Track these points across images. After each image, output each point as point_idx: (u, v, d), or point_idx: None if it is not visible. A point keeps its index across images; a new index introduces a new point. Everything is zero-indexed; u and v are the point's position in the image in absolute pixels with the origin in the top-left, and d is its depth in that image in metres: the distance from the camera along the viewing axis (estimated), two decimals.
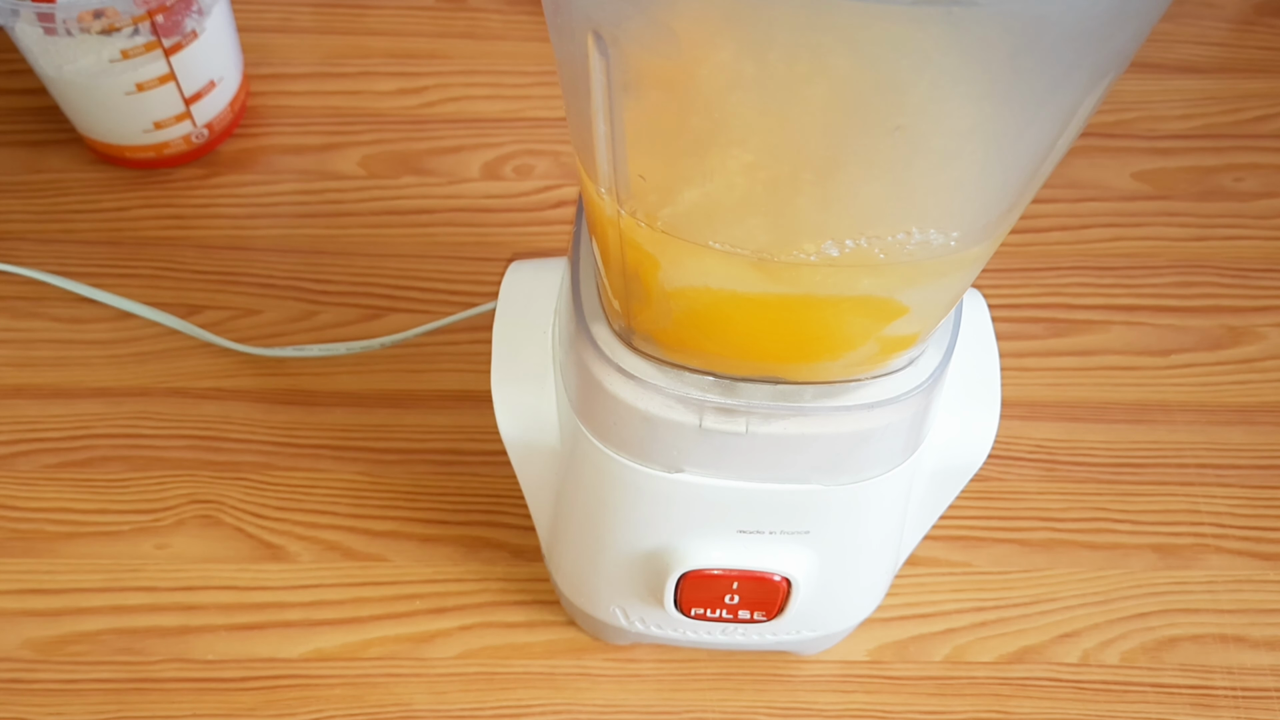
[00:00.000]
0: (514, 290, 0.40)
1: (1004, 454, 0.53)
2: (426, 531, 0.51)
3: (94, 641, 0.48)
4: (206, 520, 0.50)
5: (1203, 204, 0.61)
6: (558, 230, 0.59)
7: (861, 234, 0.27)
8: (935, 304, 0.31)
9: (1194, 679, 0.48)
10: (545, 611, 0.49)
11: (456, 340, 0.56)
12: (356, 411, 0.53)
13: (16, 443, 0.52)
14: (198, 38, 0.55)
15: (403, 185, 0.60)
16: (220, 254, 0.58)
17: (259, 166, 0.61)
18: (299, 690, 0.47)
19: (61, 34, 0.52)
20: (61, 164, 0.60)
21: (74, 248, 0.57)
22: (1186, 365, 0.56)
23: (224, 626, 0.48)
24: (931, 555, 0.51)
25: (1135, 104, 0.65)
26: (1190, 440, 0.54)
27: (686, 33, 0.23)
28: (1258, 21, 0.68)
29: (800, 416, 0.33)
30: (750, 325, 0.31)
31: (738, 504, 0.36)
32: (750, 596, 0.39)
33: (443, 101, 0.63)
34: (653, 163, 0.27)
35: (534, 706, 0.47)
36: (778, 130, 0.25)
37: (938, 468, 0.39)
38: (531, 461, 0.40)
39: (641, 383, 0.33)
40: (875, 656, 0.49)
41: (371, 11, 0.66)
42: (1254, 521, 0.52)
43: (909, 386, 0.34)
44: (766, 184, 0.26)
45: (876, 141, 0.24)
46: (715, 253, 0.28)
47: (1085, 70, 0.24)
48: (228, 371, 0.54)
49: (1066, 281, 0.59)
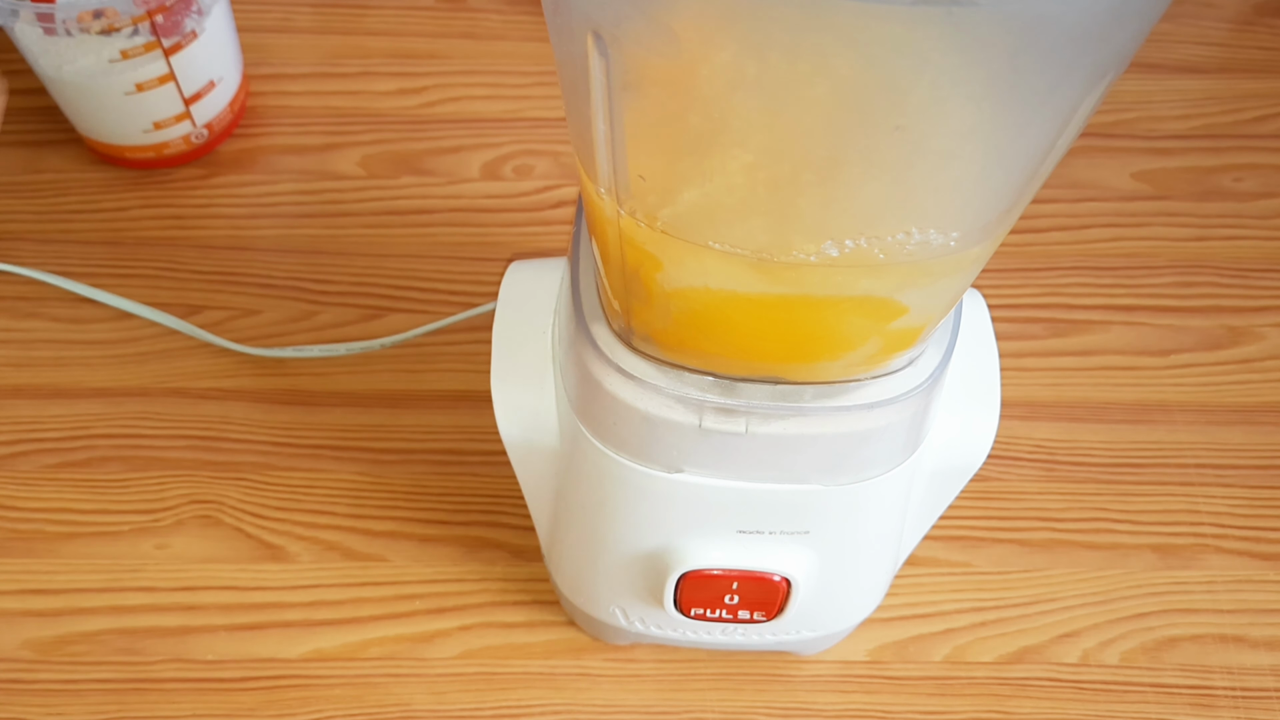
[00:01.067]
0: (514, 290, 0.40)
1: (1004, 454, 0.53)
2: (426, 532, 0.51)
3: (94, 642, 0.48)
4: (206, 520, 0.50)
5: (1202, 204, 0.61)
6: (557, 230, 0.59)
7: (861, 234, 0.27)
8: (935, 304, 0.31)
9: (1194, 679, 0.48)
10: (545, 612, 0.49)
11: (456, 340, 0.56)
12: (356, 411, 0.53)
13: (16, 443, 0.52)
14: (197, 38, 0.55)
15: (402, 185, 0.60)
16: (220, 254, 0.58)
17: (259, 166, 0.61)
18: (299, 690, 0.47)
19: (61, 34, 0.52)
20: (61, 164, 0.60)
21: (74, 248, 0.57)
22: (1186, 365, 0.56)
23: (224, 626, 0.48)
24: (931, 555, 0.51)
25: (1135, 104, 0.65)
26: (1190, 440, 0.54)
27: (686, 33, 0.23)
28: (1257, 21, 0.68)
29: (800, 416, 0.33)
30: (750, 325, 0.31)
31: (737, 504, 0.36)
32: (750, 596, 0.39)
33: (442, 101, 0.63)
34: (653, 163, 0.27)
35: (534, 706, 0.47)
36: (778, 130, 0.24)
37: (937, 468, 0.39)
38: (531, 461, 0.40)
39: (641, 383, 0.33)
40: (875, 656, 0.49)
41: (371, 11, 0.66)
42: (1254, 521, 0.52)
43: (909, 386, 0.34)
44: (766, 184, 0.26)
45: (876, 141, 0.24)
46: (715, 253, 0.28)
47: (1085, 70, 0.24)
48: (227, 372, 0.54)
49: (1066, 281, 0.59)
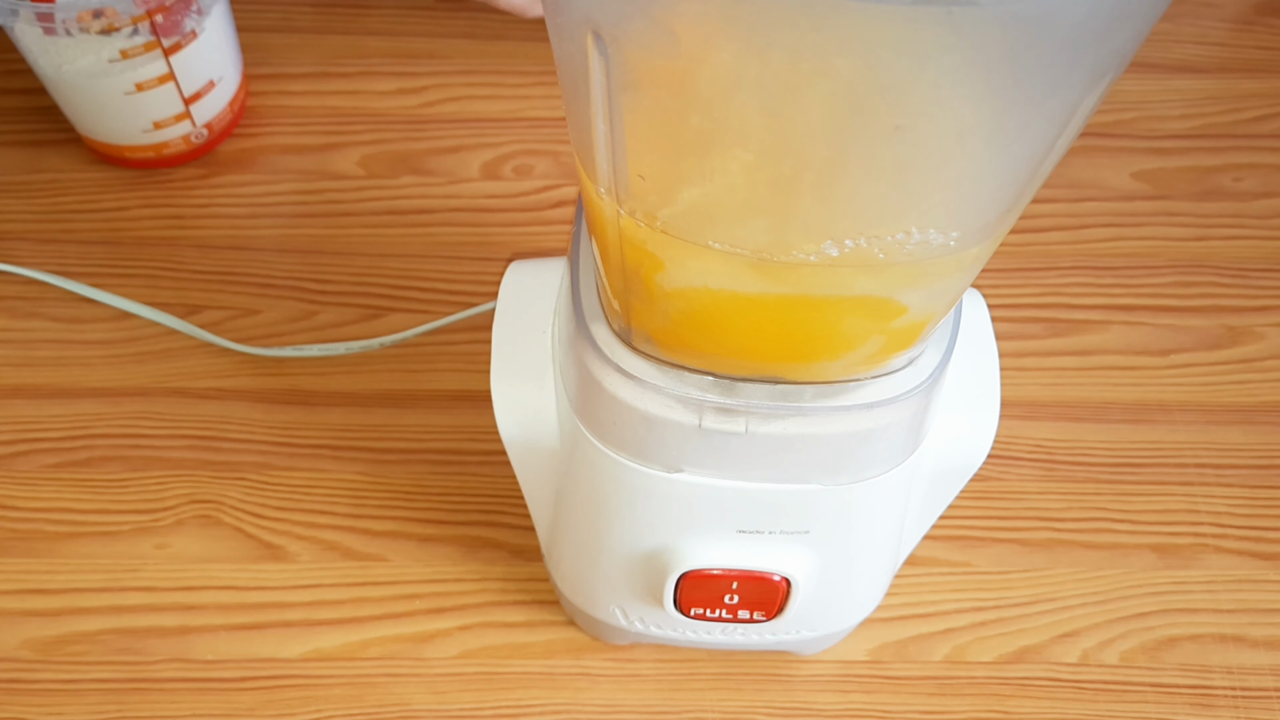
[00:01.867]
0: (513, 290, 0.40)
1: (1003, 454, 0.53)
2: (426, 531, 0.51)
3: (94, 641, 0.48)
4: (206, 520, 0.50)
5: (1202, 204, 0.61)
6: (557, 230, 0.59)
7: (861, 234, 0.27)
8: (935, 304, 0.31)
9: (1193, 679, 0.48)
10: (545, 611, 0.49)
11: (456, 340, 0.56)
12: (356, 411, 0.53)
13: (16, 443, 0.52)
14: (197, 37, 0.55)
15: (402, 185, 0.60)
16: (220, 254, 0.58)
17: (258, 166, 0.61)
18: (299, 690, 0.47)
19: (61, 34, 0.52)
20: (61, 164, 0.60)
21: (73, 247, 0.57)
22: (1186, 365, 0.56)
23: (224, 626, 0.48)
24: (931, 555, 0.51)
25: (1135, 104, 0.65)
26: (1190, 440, 0.54)
27: (686, 33, 0.23)
28: (1257, 21, 0.68)
29: (800, 416, 0.33)
30: (750, 325, 0.31)
31: (737, 504, 0.36)
32: (750, 596, 0.39)
33: (442, 101, 0.63)
34: (652, 163, 0.27)
35: (533, 706, 0.47)
36: (777, 130, 0.24)
37: (937, 468, 0.39)
38: (531, 461, 0.40)
39: (641, 383, 0.33)
40: (875, 656, 0.49)
41: (371, 11, 0.66)
42: (1253, 521, 0.52)
43: (908, 386, 0.34)
44: (766, 184, 0.26)
45: (876, 141, 0.24)
46: (715, 253, 0.28)
47: (1085, 70, 0.24)
48: (227, 371, 0.54)
49: (1066, 281, 0.59)
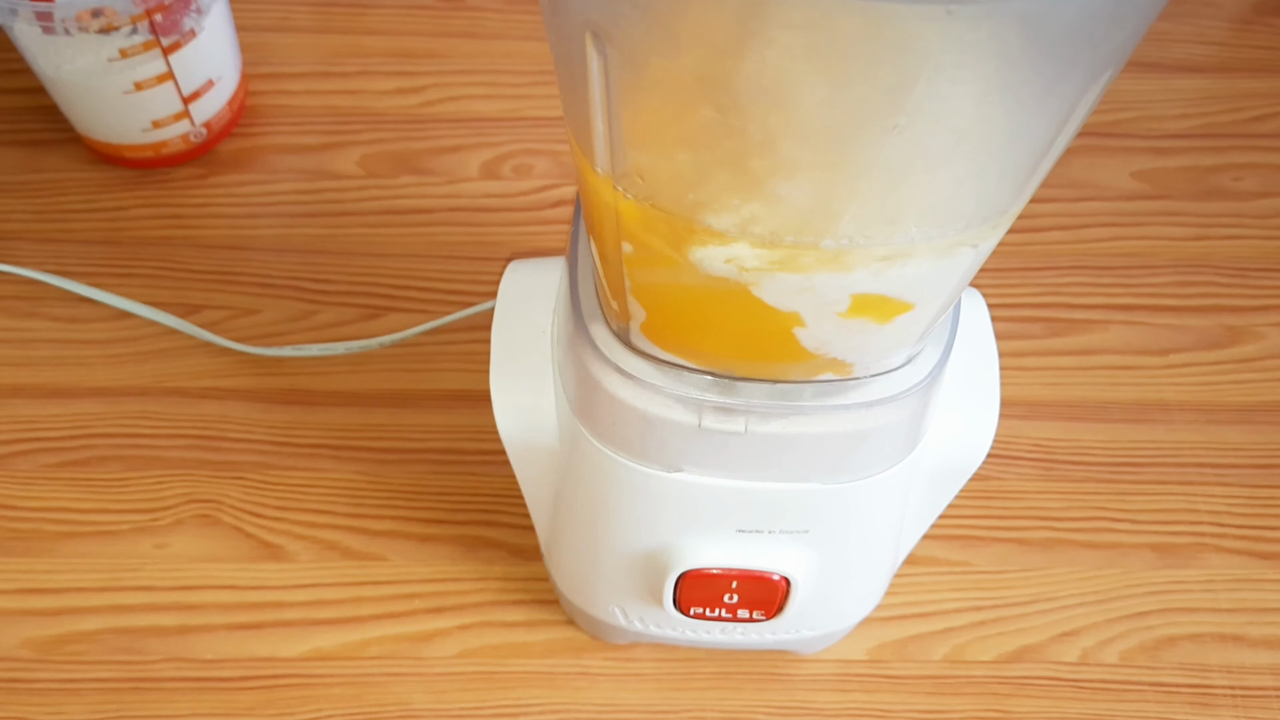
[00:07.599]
0: (513, 290, 0.40)
1: (1003, 453, 0.53)
2: (425, 531, 0.51)
3: (93, 641, 0.48)
4: (205, 520, 0.50)
5: (1202, 204, 0.61)
6: (556, 230, 0.59)
7: (860, 232, 0.26)
8: (933, 302, 0.31)
9: (1193, 678, 0.48)
10: (544, 611, 0.49)
11: (455, 340, 0.56)
12: (355, 411, 0.53)
13: (15, 443, 0.52)
14: (196, 37, 0.55)
15: (401, 185, 0.60)
16: (219, 253, 0.58)
17: (257, 166, 0.60)
18: (298, 690, 0.47)
19: (60, 33, 0.52)
20: (60, 163, 0.60)
21: (72, 247, 0.57)
22: (1185, 365, 0.56)
23: (223, 626, 0.48)
24: (930, 554, 0.51)
25: (1134, 103, 0.65)
26: (1189, 440, 0.54)
27: (685, 32, 0.23)
28: (1257, 21, 0.68)
29: (799, 415, 0.33)
30: (749, 323, 0.31)
31: (737, 503, 0.36)
32: (749, 596, 0.39)
33: (441, 101, 0.63)
34: (652, 162, 0.27)
35: (533, 706, 0.47)
36: (776, 130, 0.24)
37: (937, 467, 0.39)
38: (530, 461, 0.40)
39: (640, 382, 0.33)
40: (874, 656, 0.49)
41: (370, 11, 0.66)
42: (1253, 521, 0.52)
43: (907, 385, 0.34)
44: (765, 183, 0.26)
45: (874, 139, 0.24)
46: (714, 245, 0.28)
47: (1084, 67, 0.24)
48: (226, 371, 0.54)
49: (1065, 281, 0.59)
